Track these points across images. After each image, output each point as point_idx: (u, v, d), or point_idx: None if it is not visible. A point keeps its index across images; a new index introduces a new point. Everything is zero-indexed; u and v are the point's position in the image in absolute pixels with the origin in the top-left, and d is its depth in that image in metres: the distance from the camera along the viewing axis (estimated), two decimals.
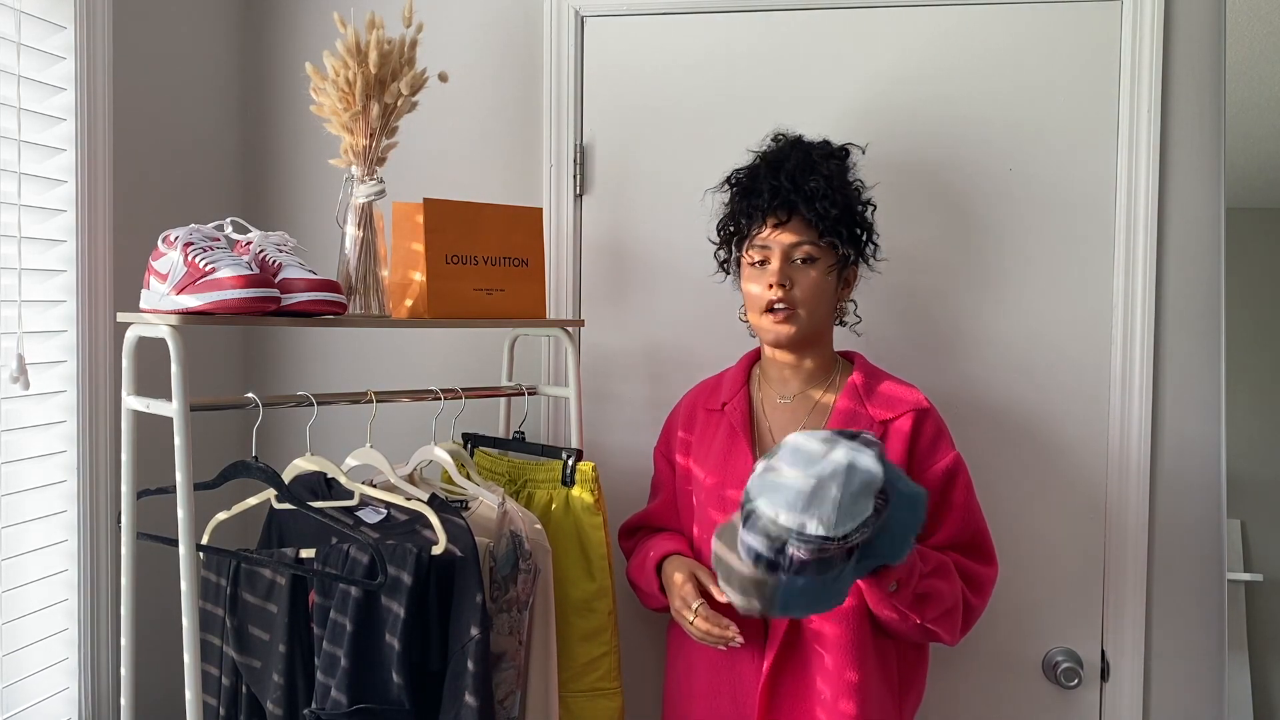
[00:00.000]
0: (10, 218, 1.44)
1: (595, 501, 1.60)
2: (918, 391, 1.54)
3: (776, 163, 1.51)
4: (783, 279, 1.47)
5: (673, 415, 1.71)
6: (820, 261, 1.49)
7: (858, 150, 1.59)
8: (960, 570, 1.47)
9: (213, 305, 1.25)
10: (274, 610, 1.43)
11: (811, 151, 1.52)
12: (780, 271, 1.48)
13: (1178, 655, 1.76)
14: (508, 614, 1.46)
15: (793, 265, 1.48)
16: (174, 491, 1.26)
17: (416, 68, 1.51)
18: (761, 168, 1.53)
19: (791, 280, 1.48)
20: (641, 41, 1.88)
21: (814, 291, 1.48)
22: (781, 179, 1.48)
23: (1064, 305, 1.77)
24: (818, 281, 1.49)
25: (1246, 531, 1.85)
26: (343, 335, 1.98)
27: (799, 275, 1.48)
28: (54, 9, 1.50)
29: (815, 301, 1.49)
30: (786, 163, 1.50)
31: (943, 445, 1.52)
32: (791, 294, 1.48)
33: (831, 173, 1.50)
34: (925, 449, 1.50)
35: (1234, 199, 1.72)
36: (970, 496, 1.52)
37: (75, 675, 1.54)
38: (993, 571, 1.52)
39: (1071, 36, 1.76)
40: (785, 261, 1.48)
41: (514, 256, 1.63)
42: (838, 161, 1.54)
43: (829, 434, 1.25)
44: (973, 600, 1.48)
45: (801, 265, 1.48)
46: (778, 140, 1.58)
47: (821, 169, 1.49)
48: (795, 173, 1.48)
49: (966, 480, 1.52)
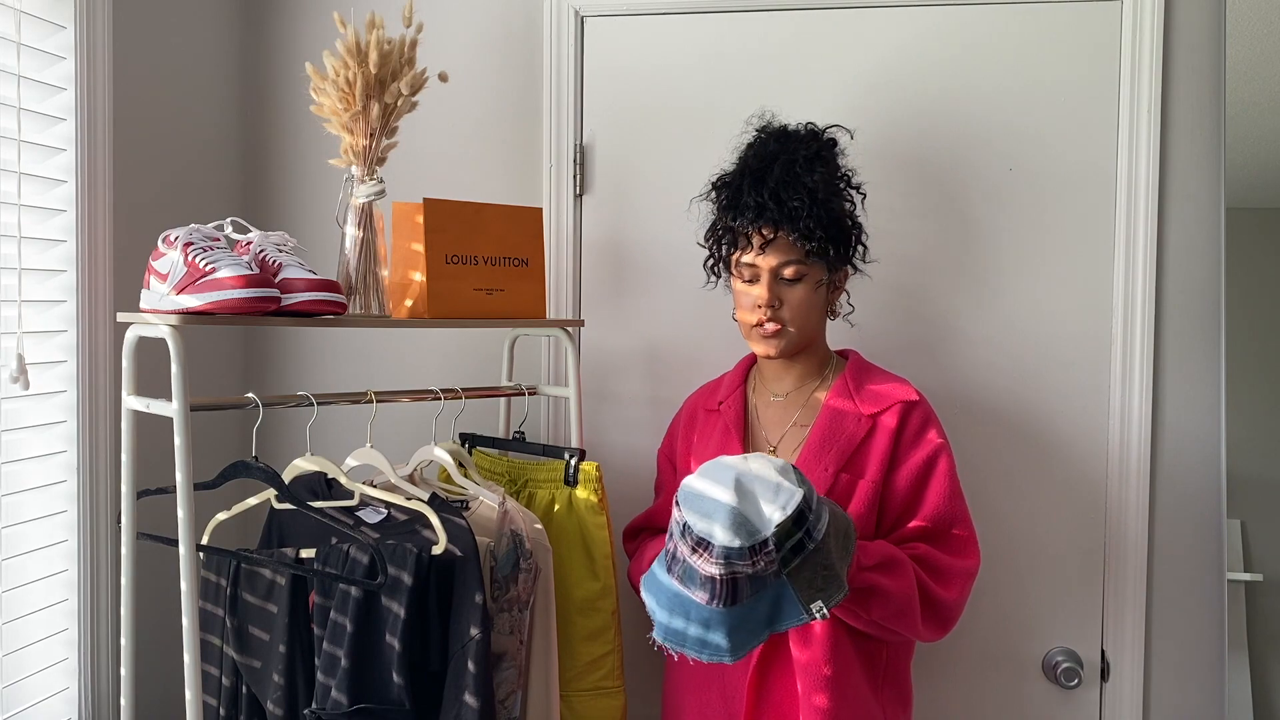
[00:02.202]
0: (10, 218, 1.44)
1: (599, 501, 1.60)
2: (908, 385, 1.53)
3: (759, 175, 1.48)
4: (771, 299, 1.47)
5: (676, 418, 1.72)
6: (808, 278, 1.48)
7: (845, 135, 1.56)
8: (925, 562, 1.43)
9: (213, 305, 1.25)
10: (274, 610, 1.43)
11: (796, 159, 1.47)
12: (768, 292, 1.47)
13: (1178, 655, 1.76)
14: (508, 614, 1.45)
15: (780, 283, 1.48)
16: (174, 491, 1.26)
17: (416, 68, 1.51)
18: (745, 181, 1.49)
19: (780, 299, 1.47)
20: (641, 41, 1.88)
21: (803, 309, 1.48)
22: (765, 196, 1.45)
23: (1064, 305, 1.77)
24: (806, 298, 1.48)
25: (1246, 531, 1.85)
26: (343, 335, 1.98)
27: (787, 293, 1.48)
28: (54, 9, 1.50)
29: (804, 317, 1.49)
30: (769, 176, 1.46)
31: (928, 434, 1.50)
32: (780, 313, 1.48)
33: (817, 183, 1.45)
34: (910, 439, 1.49)
35: (1234, 199, 1.72)
36: (950, 485, 1.48)
37: (75, 675, 1.54)
38: (969, 563, 1.47)
39: (1071, 36, 1.76)
40: (773, 280, 1.47)
41: (514, 256, 1.63)
42: (824, 164, 1.49)
43: (751, 457, 1.29)
44: (942, 593, 1.43)
45: (789, 283, 1.48)
46: (762, 134, 1.54)
47: (806, 179, 1.45)
48: (779, 188, 1.45)
49: (948, 469, 1.49)
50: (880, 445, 1.48)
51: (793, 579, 1.24)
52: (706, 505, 1.24)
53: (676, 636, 1.30)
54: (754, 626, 1.27)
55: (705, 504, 1.24)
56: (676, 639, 1.30)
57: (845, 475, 1.47)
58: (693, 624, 1.28)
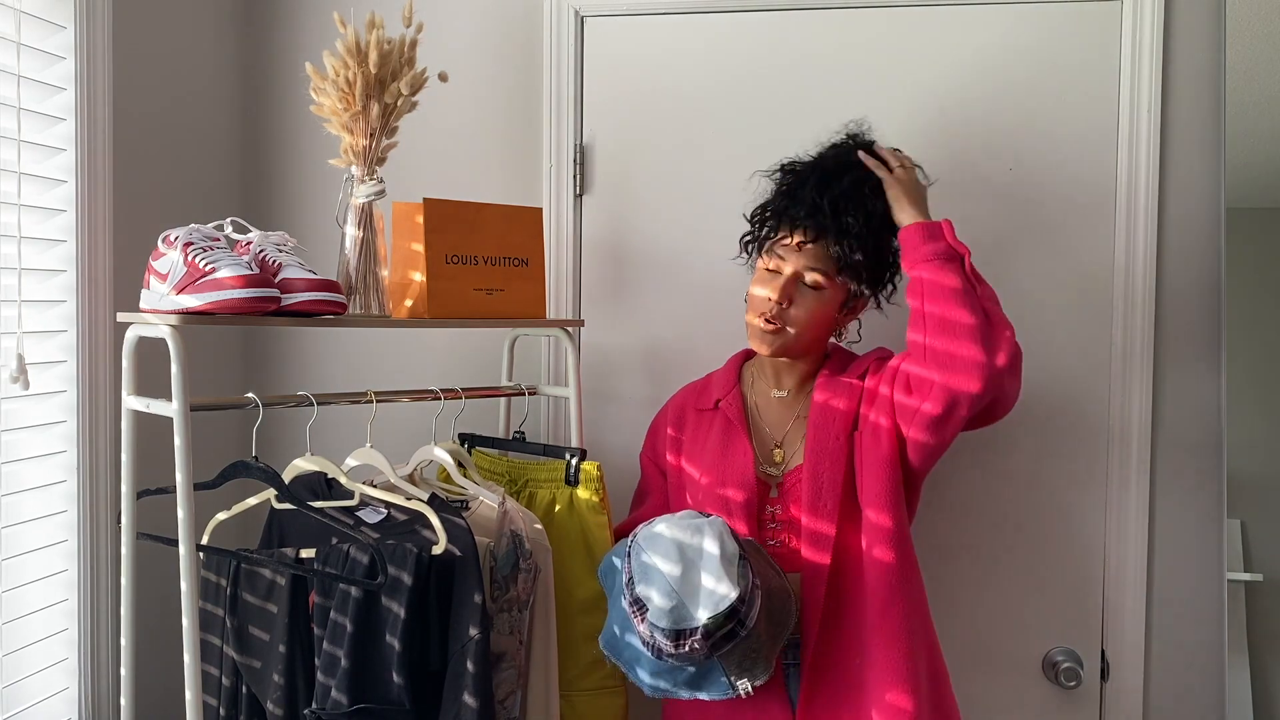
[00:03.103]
0: (10, 218, 1.43)
1: (600, 501, 1.60)
2: (881, 349, 1.55)
3: (826, 177, 1.48)
4: (781, 299, 1.47)
5: (659, 417, 1.70)
6: (827, 292, 1.48)
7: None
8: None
9: (213, 305, 1.25)
10: (274, 610, 1.43)
11: (868, 180, 1.47)
12: (784, 289, 1.47)
13: (1178, 655, 1.76)
14: (508, 614, 1.45)
15: (799, 286, 1.48)
16: (174, 491, 1.26)
17: (416, 68, 1.51)
18: (812, 177, 1.49)
19: (792, 300, 1.47)
20: (641, 41, 1.88)
21: (809, 319, 1.48)
22: (824, 200, 1.45)
23: (1064, 305, 1.77)
24: (816, 310, 1.48)
25: (1246, 531, 1.85)
26: (343, 335, 1.98)
27: (801, 298, 1.48)
28: (54, 9, 1.50)
29: (807, 327, 1.49)
30: (837, 183, 1.46)
31: (882, 352, 1.53)
32: (787, 312, 1.48)
33: (874, 211, 1.46)
34: (876, 367, 1.51)
35: (1234, 199, 1.72)
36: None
37: (75, 675, 1.54)
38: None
39: (1071, 36, 1.76)
40: (794, 280, 1.47)
41: (514, 256, 1.63)
42: (884, 200, 1.47)
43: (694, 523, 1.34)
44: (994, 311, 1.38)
45: (808, 289, 1.48)
46: (851, 140, 1.54)
47: (867, 204, 1.45)
48: (840, 199, 1.45)
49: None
50: (867, 397, 1.48)
51: (723, 660, 1.29)
52: (651, 573, 1.29)
53: (612, 649, 1.39)
54: (677, 683, 1.33)
55: (650, 572, 1.30)
56: (613, 651, 1.39)
57: (853, 448, 1.47)
58: (626, 648, 1.36)
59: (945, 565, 1.78)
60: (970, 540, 1.80)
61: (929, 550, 1.68)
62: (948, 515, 1.79)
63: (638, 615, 1.28)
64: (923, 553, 1.52)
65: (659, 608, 1.26)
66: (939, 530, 1.78)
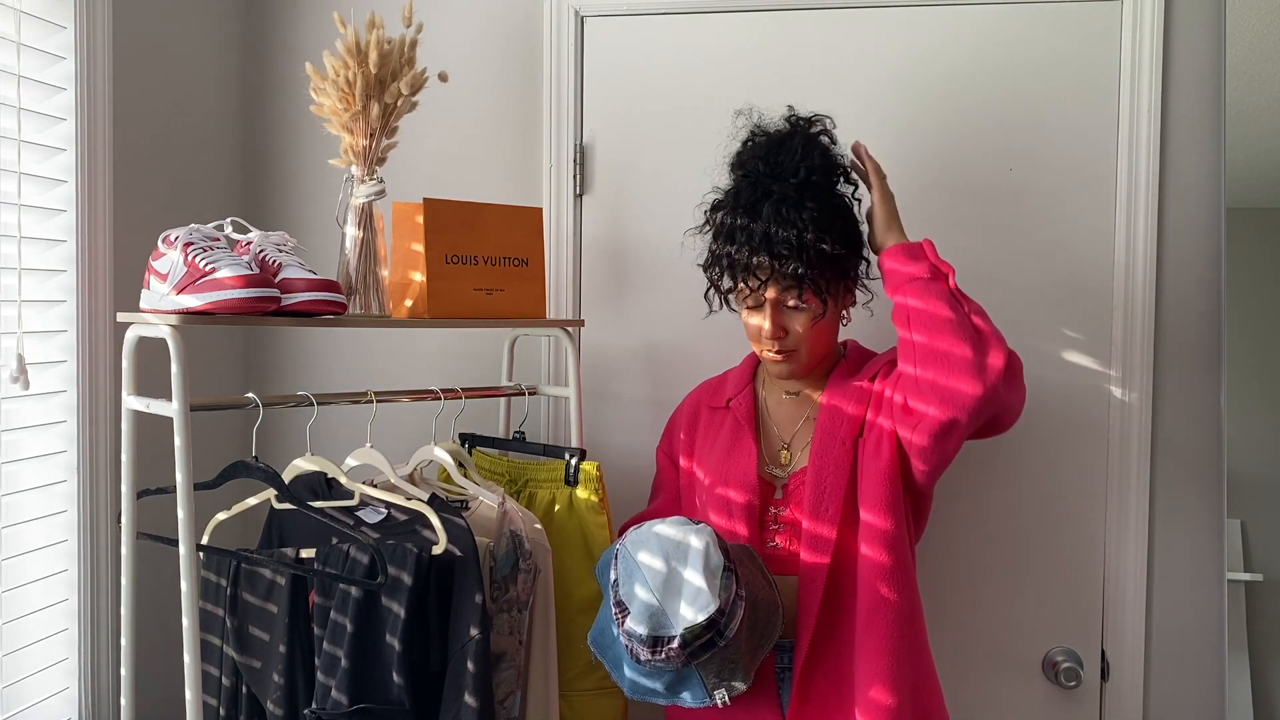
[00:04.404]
0: (10, 218, 1.44)
1: (600, 501, 1.60)
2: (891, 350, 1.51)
3: (753, 205, 1.42)
4: (776, 331, 1.45)
5: (675, 416, 1.70)
6: (813, 304, 1.44)
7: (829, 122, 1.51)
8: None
9: (213, 305, 1.25)
10: (274, 610, 1.43)
11: (786, 198, 1.40)
12: (774, 322, 1.44)
13: (1178, 655, 1.76)
14: (508, 614, 1.46)
15: (785, 311, 1.45)
16: (174, 491, 1.26)
17: (416, 68, 1.51)
18: (737, 219, 1.44)
19: (786, 327, 1.45)
20: (641, 41, 1.88)
21: (810, 334, 1.46)
22: (757, 242, 1.40)
23: (1064, 305, 1.77)
24: (815, 324, 1.46)
25: (1246, 531, 1.84)
26: (343, 335, 1.98)
27: (793, 320, 1.45)
28: (54, 9, 1.50)
29: (812, 341, 1.47)
30: (760, 215, 1.40)
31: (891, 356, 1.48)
32: (787, 341, 1.46)
33: (806, 222, 1.39)
34: (885, 370, 1.48)
35: (1234, 199, 1.72)
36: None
37: (75, 675, 1.54)
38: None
39: (1071, 36, 1.76)
40: (777, 310, 1.45)
41: (514, 256, 1.63)
42: (813, 192, 1.42)
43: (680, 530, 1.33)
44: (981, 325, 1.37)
45: (795, 310, 1.45)
46: (751, 142, 1.50)
47: (796, 219, 1.39)
48: (770, 227, 1.39)
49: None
50: (875, 402, 1.46)
51: (701, 668, 1.29)
52: (636, 577, 1.30)
53: (599, 646, 1.39)
54: (654, 687, 1.33)
55: (635, 576, 1.30)
56: (599, 648, 1.39)
57: (857, 454, 1.45)
58: (610, 647, 1.36)
59: (945, 565, 1.78)
60: (970, 540, 1.80)
61: (929, 550, 1.68)
62: (947, 515, 1.78)
63: (619, 618, 1.28)
64: (923, 553, 1.52)
65: (638, 613, 1.26)
66: (939, 530, 1.77)
